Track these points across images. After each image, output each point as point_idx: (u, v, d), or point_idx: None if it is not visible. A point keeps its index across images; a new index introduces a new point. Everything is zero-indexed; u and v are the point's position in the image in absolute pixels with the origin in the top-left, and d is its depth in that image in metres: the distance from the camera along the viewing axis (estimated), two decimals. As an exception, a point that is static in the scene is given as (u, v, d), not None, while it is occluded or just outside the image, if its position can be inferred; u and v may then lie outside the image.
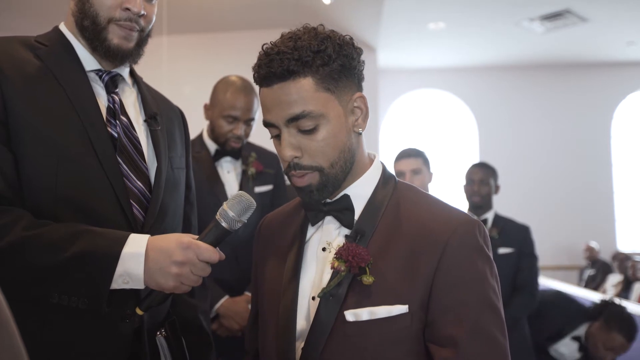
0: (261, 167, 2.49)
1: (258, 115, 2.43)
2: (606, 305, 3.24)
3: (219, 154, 2.41)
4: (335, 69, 1.04)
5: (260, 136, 2.91)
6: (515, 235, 3.21)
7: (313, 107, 1.02)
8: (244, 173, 2.45)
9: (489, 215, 3.30)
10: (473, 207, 3.30)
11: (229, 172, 2.44)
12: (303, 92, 1.02)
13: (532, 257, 3.21)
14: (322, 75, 1.02)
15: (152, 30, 1.37)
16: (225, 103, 2.34)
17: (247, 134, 2.42)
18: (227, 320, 2.30)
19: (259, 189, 2.45)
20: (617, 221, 8.45)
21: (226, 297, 2.31)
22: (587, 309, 3.29)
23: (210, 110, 2.42)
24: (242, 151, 2.45)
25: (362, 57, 1.13)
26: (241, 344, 2.27)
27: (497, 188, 3.36)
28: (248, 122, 2.39)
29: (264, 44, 1.06)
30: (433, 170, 2.95)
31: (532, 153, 8.28)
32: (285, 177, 2.61)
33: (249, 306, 2.32)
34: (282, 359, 1.07)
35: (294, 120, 1.03)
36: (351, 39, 1.09)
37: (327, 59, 1.02)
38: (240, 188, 2.41)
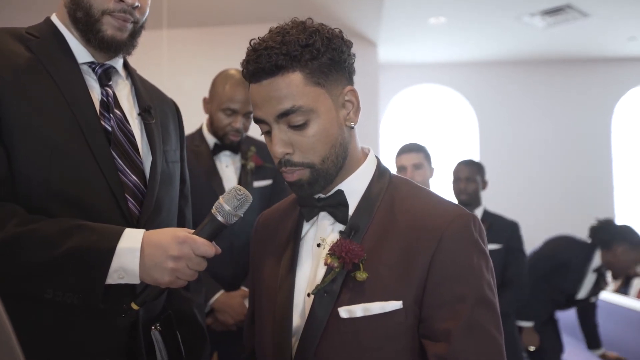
0: (260, 161, 2.47)
1: None
2: (608, 226, 3.44)
3: (218, 148, 2.40)
4: (324, 62, 1.02)
5: (260, 131, 2.90)
6: (503, 231, 3.24)
7: (303, 102, 1.01)
8: (243, 167, 2.43)
9: (478, 212, 3.32)
10: (461, 204, 3.31)
11: (228, 167, 2.42)
12: (292, 87, 1.00)
13: (519, 253, 3.26)
14: (311, 69, 1.01)
15: (151, 23, 1.36)
16: (223, 96, 2.33)
17: (246, 128, 2.40)
18: (222, 314, 2.29)
19: (258, 184, 2.43)
20: (617, 216, 8.43)
21: (221, 292, 2.30)
22: (586, 241, 3.47)
23: (209, 103, 2.41)
24: (241, 145, 2.43)
25: (363, 52, 1.13)
26: (236, 338, 2.28)
27: (484, 184, 3.39)
28: (247, 115, 2.36)
29: (251, 40, 1.05)
30: (434, 165, 2.96)
31: (532, 148, 8.26)
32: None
33: (245, 301, 2.32)
34: (278, 356, 1.07)
35: (284, 115, 1.02)
36: (340, 32, 1.08)
37: (315, 53, 1.01)
38: (239, 182, 2.40)
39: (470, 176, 3.31)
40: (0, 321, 0.57)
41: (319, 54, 1.01)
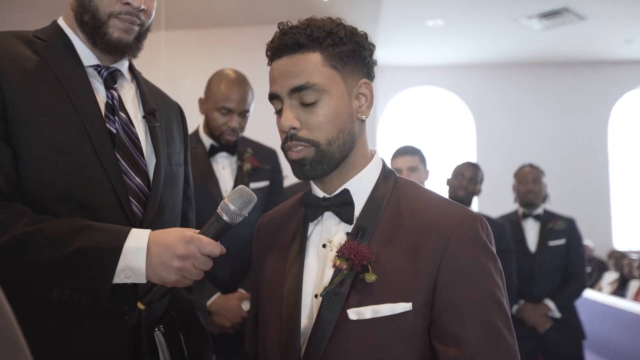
0: (257, 163, 2.46)
1: (253, 109, 2.42)
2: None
3: (215, 150, 2.38)
4: (345, 51, 1.06)
5: (257, 132, 2.91)
6: (494, 232, 3.25)
7: (317, 81, 1.04)
8: (240, 169, 2.42)
9: None
10: (455, 199, 3.34)
11: (224, 168, 2.41)
12: (310, 64, 1.04)
13: (509, 253, 3.31)
14: (330, 53, 1.05)
15: (151, 24, 1.37)
16: (219, 95, 2.32)
17: (242, 127, 2.39)
18: (218, 317, 2.27)
19: (254, 185, 2.41)
20: (614, 219, 8.47)
21: (218, 294, 2.29)
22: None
23: (204, 104, 2.40)
24: (237, 147, 2.42)
25: None
26: (233, 341, 2.26)
27: (479, 191, 3.45)
28: (243, 114, 2.35)
29: (279, 23, 1.09)
30: (430, 168, 2.97)
31: (529, 150, 8.28)
32: (283, 175, 2.62)
33: (241, 303, 2.31)
34: (285, 358, 1.06)
35: (297, 90, 1.05)
36: (365, 34, 1.12)
37: (338, 40, 1.05)
38: (236, 184, 2.37)
39: (473, 177, 3.40)
40: (8, 322, 0.57)
41: (341, 42, 1.06)
